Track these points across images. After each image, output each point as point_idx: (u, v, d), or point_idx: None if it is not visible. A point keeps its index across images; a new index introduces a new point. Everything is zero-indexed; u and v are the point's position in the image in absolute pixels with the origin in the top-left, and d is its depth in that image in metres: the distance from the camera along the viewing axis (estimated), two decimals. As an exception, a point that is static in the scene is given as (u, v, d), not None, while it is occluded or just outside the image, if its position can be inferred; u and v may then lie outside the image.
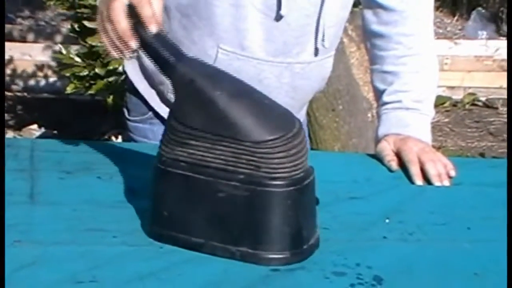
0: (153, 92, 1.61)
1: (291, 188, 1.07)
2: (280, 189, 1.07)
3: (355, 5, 1.57)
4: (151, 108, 1.62)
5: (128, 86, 1.67)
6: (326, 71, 1.59)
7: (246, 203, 1.07)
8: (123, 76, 1.72)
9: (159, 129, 1.62)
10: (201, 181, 1.08)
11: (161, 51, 1.11)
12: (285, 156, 1.07)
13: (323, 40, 1.50)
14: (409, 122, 1.50)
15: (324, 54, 1.55)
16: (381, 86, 1.55)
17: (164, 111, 1.58)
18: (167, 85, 1.59)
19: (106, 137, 3.67)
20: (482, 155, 4.02)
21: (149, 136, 1.60)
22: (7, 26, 4.56)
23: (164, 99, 1.63)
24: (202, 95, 1.08)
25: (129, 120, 1.65)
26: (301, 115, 1.65)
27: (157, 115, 1.62)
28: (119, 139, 3.54)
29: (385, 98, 1.53)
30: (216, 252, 1.09)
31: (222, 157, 1.07)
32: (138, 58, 1.59)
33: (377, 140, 1.51)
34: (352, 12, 1.58)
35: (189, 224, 1.10)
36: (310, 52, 1.52)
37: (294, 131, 1.08)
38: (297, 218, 1.09)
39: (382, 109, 1.54)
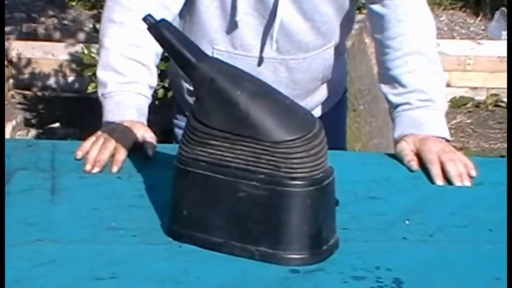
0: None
1: (311, 188, 1.07)
2: (299, 189, 1.07)
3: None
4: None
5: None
6: (326, 62, 1.61)
7: (266, 202, 1.07)
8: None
9: None
10: (220, 180, 1.08)
11: (183, 51, 1.12)
12: (305, 156, 1.07)
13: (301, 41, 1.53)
14: (422, 121, 1.50)
15: (318, 49, 1.56)
16: (384, 90, 1.57)
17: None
18: (184, 88, 1.63)
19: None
20: (504, 156, 3.99)
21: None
22: (31, 25, 4.59)
23: (183, 100, 1.65)
24: (222, 94, 1.08)
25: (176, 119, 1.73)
26: (309, 102, 1.65)
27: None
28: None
29: (394, 100, 1.55)
30: (235, 252, 1.09)
31: (242, 157, 1.07)
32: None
33: (396, 141, 1.50)
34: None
35: (208, 223, 1.10)
36: (303, 49, 1.55)
37: (314, 131, 1.08)
38: (317, 218, 1.08)
39: (394, 112, 1.55)
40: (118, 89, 1.44)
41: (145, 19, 1.14)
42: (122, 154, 1.34)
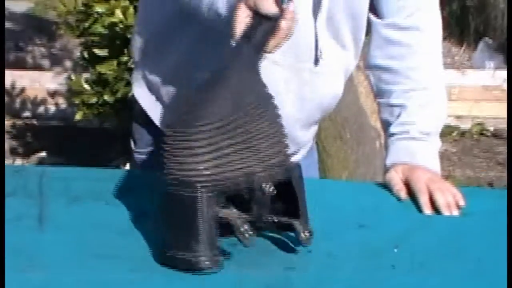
0: (159, 110, 1.59)
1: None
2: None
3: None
4: (158, 137, 1.61)
5: (135, 114, 1.67)
6: (336, 88, 1.58)
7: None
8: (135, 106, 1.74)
9: None
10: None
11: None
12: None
13: (320, 51, 1.49)
14: (416, 151, 1.50)
15: (327, 67, 1.52)
16: (388, 118, 1.55)
17: None
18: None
19: (114, 164, 3.68)
20: (490, 185, 4.01)
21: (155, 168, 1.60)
22: (19, 54, 4.59)
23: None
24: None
25: (135, 152, 1.66)
26: (308, 138, 1.64)
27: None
28: (127, 166, 3.55)
29: (393, 129, 1.53)
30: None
31: None
32: (145, 75, 1.60)
33: (386, 169, 1.51)
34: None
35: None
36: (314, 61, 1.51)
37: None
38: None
39: (389, 139, 1.54)
40: None
41: None
42: None
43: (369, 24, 1.55)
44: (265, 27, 1.14)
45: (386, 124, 1.56)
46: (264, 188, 1.11)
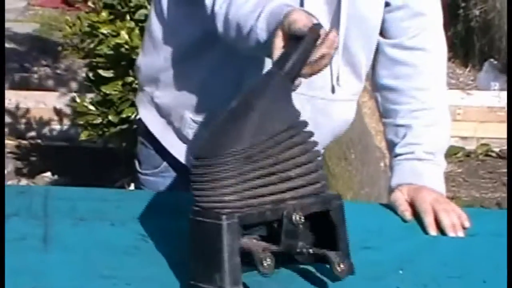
0: (169, 133, 1.60)
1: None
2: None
3: None
4: (165, 158, 1.62)
5: (140, 135, 1.67)
6: (349, 114, 1.59)
7: None
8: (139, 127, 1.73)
9: (172, 182, 1.62)
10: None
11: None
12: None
13: (337, 79, 1.50)
14: (422, 172, 1.50)
15: (343, 94, 1.53)
16: (394, 139, 1.55)
17: (178, 152, 1.57)
18: (185, 119, 1.58)
19: (118, 184, 3.68)
20: (497, 205, 3.99)
21: (160, 189, 1.60)
22: (24, 75, 4.61)
23: (181, 136, 1.60)
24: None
25: (140, 173, 1.65)
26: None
27: (171, 165, 1.61)
28: (132, 187, 3.55)
29: (398, 150, 1.53)
30: None
31: None
32: (153, 99, 1.60)
33: (391, 190, 1.51)
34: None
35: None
36: (329, 88, 1.52)
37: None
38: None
39: (395, 160, 1.54)
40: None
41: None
42: None
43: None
44: (300, 53, 1.12)
45: (391, 145, 1.56)
46: (293, 218, 1.08)
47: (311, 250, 1.13)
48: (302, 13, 1.19)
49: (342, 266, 1.10)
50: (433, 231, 1.39)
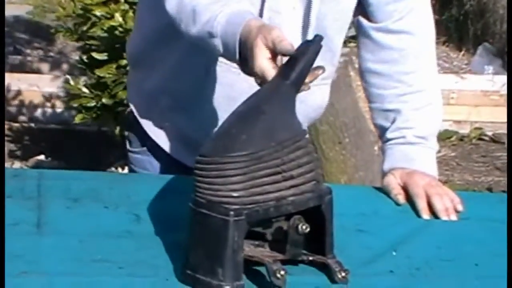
0: (148, 115, 1.59)
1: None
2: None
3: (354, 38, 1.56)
4: (148, 140, 1.61)
5: (129, 116, 1.67)
6: (322, 98, 1.58)
7: None
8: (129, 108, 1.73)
9: (157, 161, 1.63)
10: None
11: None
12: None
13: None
14: (414, 157, 1.50)
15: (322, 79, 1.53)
16: (384, 123, 1.54)
17: (156, 135, 1.57)
18: (160, 102, 1.56)
19: (112, 168, 3.67)
20: (489, 189, 4.01)
21: (148, 167, 1.61)
22: (17, 58, 4.59)
23: (159, 119, 1.59)
24: None
25: (130, 151, 1.66)
26: None
27: (152, 147, 1.62)
28: (125, 170, 3.54)
29: (389, 135, 1.53)
30: None
31: None
32: (135, 81, 1.60)
33: (383, 174, 1.51)
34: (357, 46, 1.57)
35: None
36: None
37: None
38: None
39: (386, 145, 1.54)
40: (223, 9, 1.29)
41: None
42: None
43: (358, 27, 1.54)
44: (304, 64, 1.15)
45: (381, 129, 1.56)
46: (299, 228, 1.11)
47: (311, 258, 1.15)
48: (278, 29, 1.19)
49: (343, 274, 1.13)
50: (426, 215, 1.39)
